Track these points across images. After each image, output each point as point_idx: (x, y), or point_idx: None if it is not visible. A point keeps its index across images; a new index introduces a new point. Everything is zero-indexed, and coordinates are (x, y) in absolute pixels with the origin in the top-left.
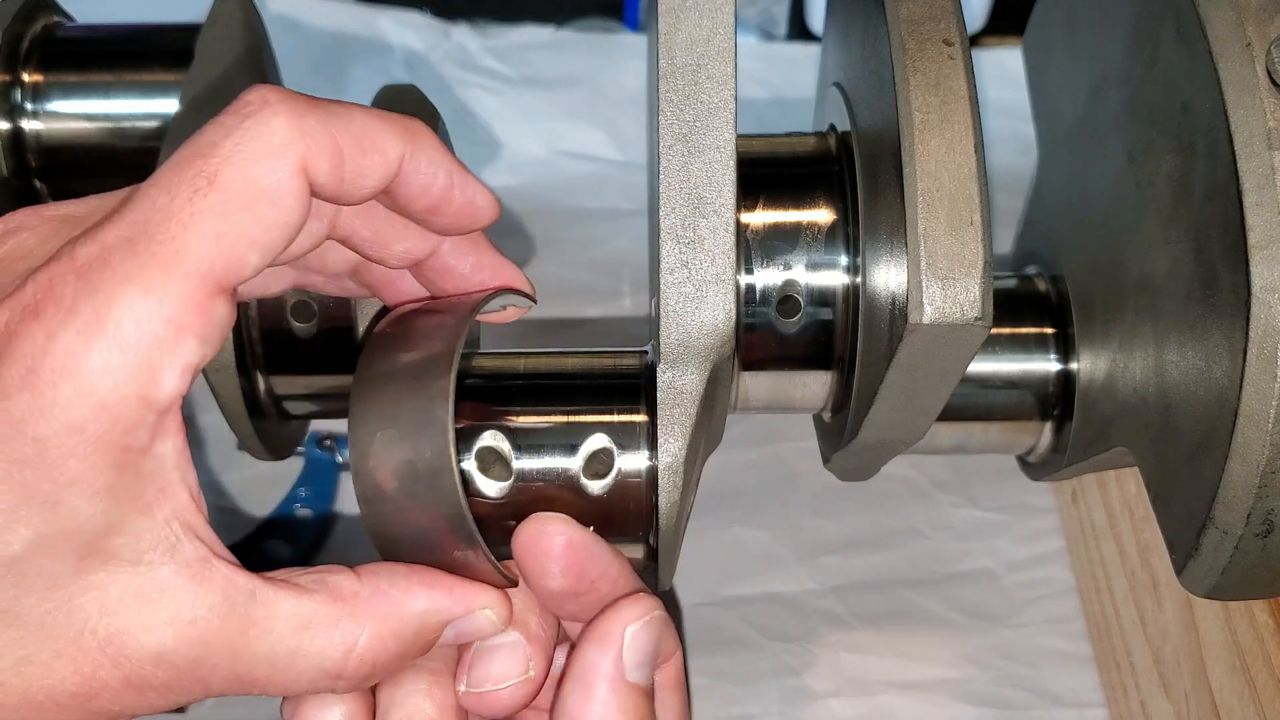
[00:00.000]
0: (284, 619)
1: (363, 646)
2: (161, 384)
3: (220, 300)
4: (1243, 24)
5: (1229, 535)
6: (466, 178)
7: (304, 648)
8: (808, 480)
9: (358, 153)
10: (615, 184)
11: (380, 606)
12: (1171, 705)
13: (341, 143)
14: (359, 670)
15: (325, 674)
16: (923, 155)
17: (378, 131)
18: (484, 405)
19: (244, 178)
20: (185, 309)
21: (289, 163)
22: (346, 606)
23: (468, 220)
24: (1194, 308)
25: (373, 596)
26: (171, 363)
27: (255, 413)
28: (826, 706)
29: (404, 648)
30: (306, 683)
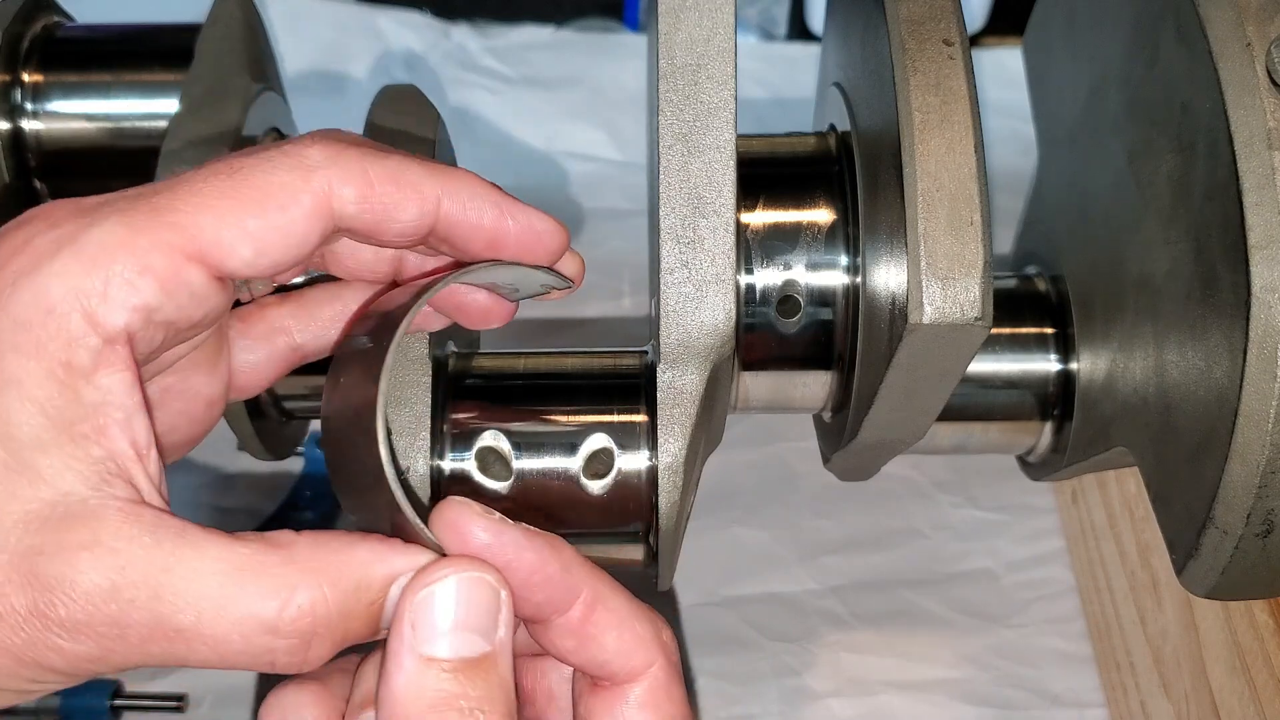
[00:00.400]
0: (213, 560)
1: (298, 597)
2: (110, 307)
3: (197, 270)
4: (1243, 24)
5: (1229, 535)
6: (518, 207)
7: (233, 596)
8: (808, 480)
9: (390, 186)
10: (615, 184)
11: (317, 557)
12: (1171, 705)
13: (373, 174)
14: (296, 624)
15: (259, 626)
16: (923, 155)
17: (414, 170)
18: (484, 405)
19: (262, 179)
20: (157, 253)
21: (309, 178)
22: (281, 554)
23: (534, 249)
24: (1194, 308)
25: (310, 547)
26: (126, 293)
27: (255, 413)
28: (826, 706)
29: (344, 602)
30: (239, 638)
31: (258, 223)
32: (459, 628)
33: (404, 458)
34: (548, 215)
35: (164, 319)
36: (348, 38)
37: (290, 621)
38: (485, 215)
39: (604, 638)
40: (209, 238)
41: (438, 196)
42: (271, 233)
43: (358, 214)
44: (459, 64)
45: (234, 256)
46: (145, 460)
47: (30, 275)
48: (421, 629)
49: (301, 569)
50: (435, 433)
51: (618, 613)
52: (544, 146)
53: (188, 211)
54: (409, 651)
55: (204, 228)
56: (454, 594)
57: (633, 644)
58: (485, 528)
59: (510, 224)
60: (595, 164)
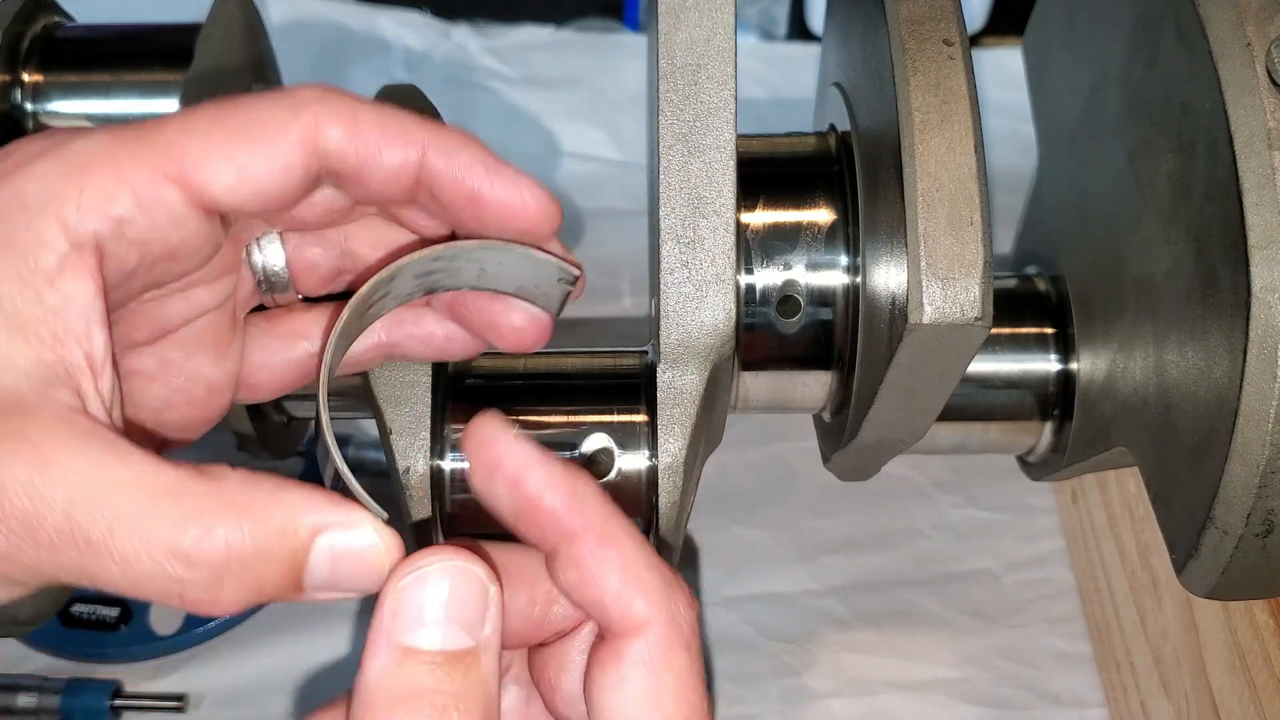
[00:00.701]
0: (136, 476)
1: (215, 527)
2: (82, 214)
3: (175, 190)
4: (1243, 24)
5: (1229, 535)
6: (509, 172)
7: (148, 515)
8: (808, 480)
9: (377, 130)
10: (615, 184)
11: (245, 492)
12: (1171, 705)
13: (361, 116)
14: (209, 555)
15: (169, 551)
16: (923, 155)
17: (404, 118)
18: (484, 404)
19: (252, 110)
20: (136, 166)
21: (298, 112)
22: (207, 483)
23: (517, 217)
24: (1194, 307)
25: (240, 482)
26: (99, 201)
27: (255, 413)
28: (826, 706)
29: (264, 543)
30: (148, 560)
31: (241, 150)
32: (442, 619)
33: (404, 458)
34: (542, 189)
35: (136, 235)
36: (348, 38)
37: (203, 551)
38: (471, 172)
39: (607, 578)
40: (191, 159)
41: (424, 145)
42: (254, 160)
43: (341, 151)
44: (459, 64)
45: (215, 181)
46: (98, 375)
47: (11, 175)
48: (402, 617)
49: (225, 500)
50: (435, 433)
51: (627, 557)
52: (544, 146)
53: (173, 132)
54: (386, 639)
55: (187, 149)
56: (439, 583)
57: (635, 591)
58: (507, 439)
59: (495, 185)
60: (595, 164)
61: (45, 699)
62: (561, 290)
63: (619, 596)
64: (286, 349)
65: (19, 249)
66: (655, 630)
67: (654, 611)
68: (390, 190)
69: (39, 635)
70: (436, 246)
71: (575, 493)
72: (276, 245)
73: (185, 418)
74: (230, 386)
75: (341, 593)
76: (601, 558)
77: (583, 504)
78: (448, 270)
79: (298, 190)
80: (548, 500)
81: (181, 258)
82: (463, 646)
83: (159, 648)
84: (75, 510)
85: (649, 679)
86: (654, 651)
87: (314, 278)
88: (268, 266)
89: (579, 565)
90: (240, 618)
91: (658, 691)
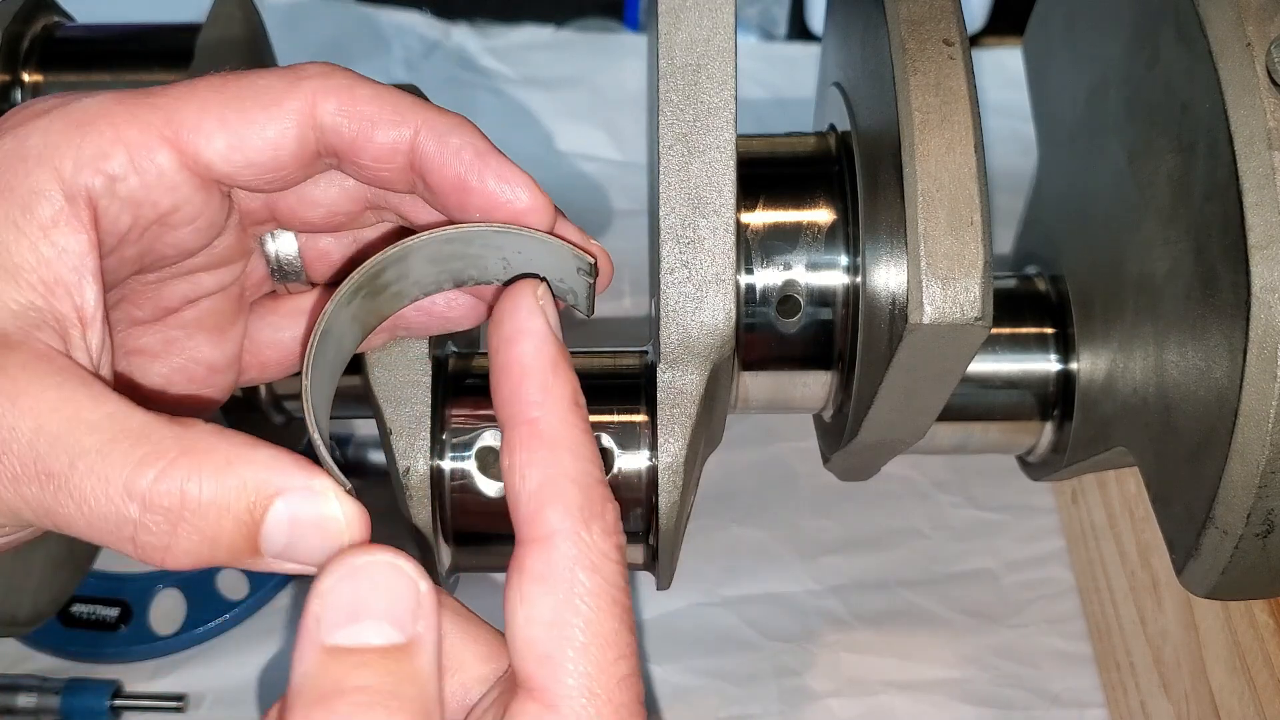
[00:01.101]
0: (105, 416)
1: (174, 471)
2: (77, 168)
3: (169, 152)
4: (1243, 24)
5: (1229, 535)
6: (503, 164)
7: (109, 452)
8: (808, 480)
9: (372, 105)
10: (615, 184)
11: (211, 444)
12: (1171, 705)
13: (359, 91)
14: (164, 500)
15: (125, 491)
16: (923, 155)
17: (401, 97)
18: (484, 404)
19: (252, 81)
20: (133, 126)
21: (296, 84)
22: (175, 430)
23: (503, 209)
24: (1194, 307)
25: (209, 435)
26: (94, 157)
27: (255, 413)
28: (826, 706)
29: (222, 499)
30: (104, 498)
31: (237, 117)
32: (367, 615)
33: (404, 458)
34: (534, 184)
35: (129, 194)
36: (348, 38)
37: (158, 494)
38: (459, 156)
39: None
40: (187, 123)
41: (418, 125)
42: (249, 127)
43: (335, 126)
44: (459, 64)
45: (208, 146)
46: (86, 326)
47: (17, 128)
48: (327, 614)
49: (188, 448)
50: (435, 432)
51: (558, 462)
52: (544, 146)
53: (173, 96)
54: (309, 638)
55: (184, 113)
56: (366, 579)
57: (551, 498)
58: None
59: (485, 174)
60: (595, 164)
61: (45, 699)
62: (585, 284)
63: (531, 498)
64: (294, 325)
65: (16, 197)
66: (559, 545)
67: (562, 525)
68: (383, 170)
69: (39, 635)
70: (448, 228)
71: (547, 383)
72: (289, 233)
73: (185, 397)
74: (232, 367)
75: (299, 564)
76: (531, 451)
77: (548, 395)
78: (469, 258)
79: (292, 163)
80: (517, 370)
81: (176, 225)
82: (391, 642)
83: (159, 648)
84: (40, 442)
85: (546, 599)
86: (553, 570)
87: (326, 265)
88: (281, 254)
89: (510, 451)
90: (240, 617)
91: (561, 613)
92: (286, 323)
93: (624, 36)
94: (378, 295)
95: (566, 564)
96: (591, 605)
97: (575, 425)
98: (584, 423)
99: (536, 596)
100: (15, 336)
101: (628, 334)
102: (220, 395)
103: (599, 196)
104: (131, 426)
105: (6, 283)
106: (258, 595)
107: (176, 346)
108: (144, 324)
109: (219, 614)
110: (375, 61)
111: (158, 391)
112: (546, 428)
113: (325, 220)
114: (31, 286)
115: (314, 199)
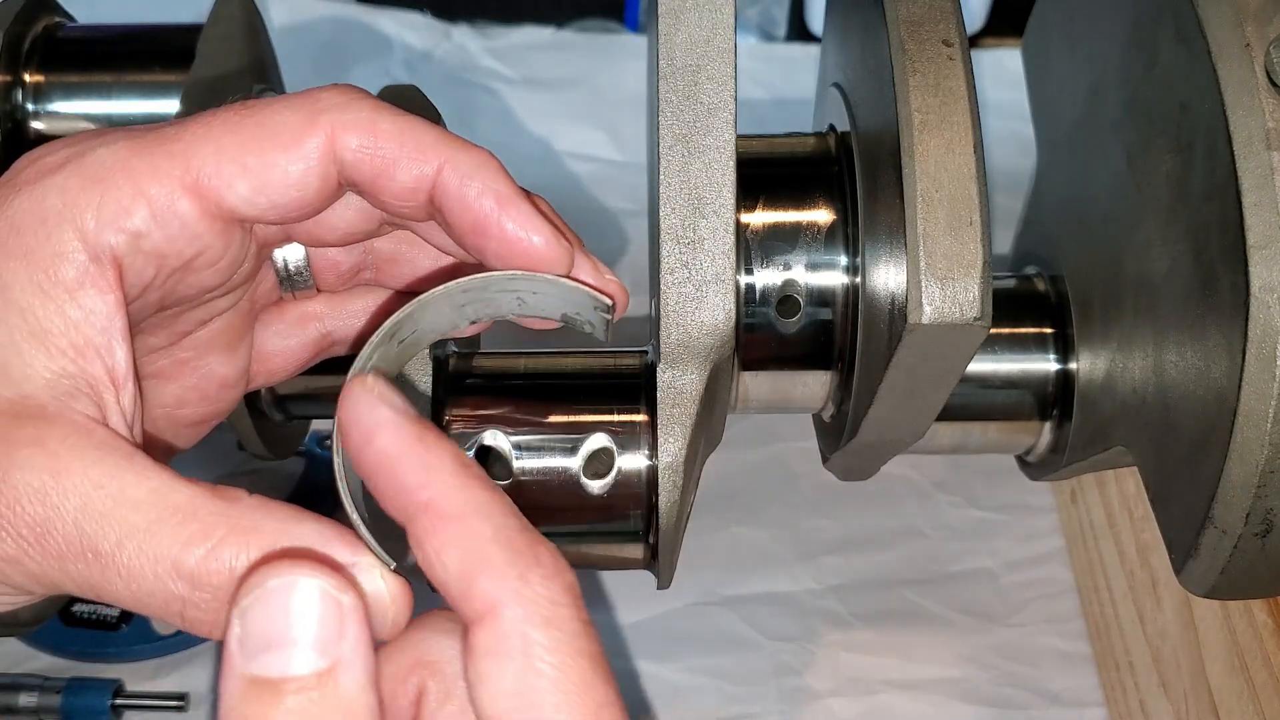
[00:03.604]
0: (150, 491)
1: (224, 551)
2: (100, 226)
3: (189, 201)
4: (1242, 24)
5: (1228, 535)
6: (524, 210)
7: (158, 531)
8: (808, 480)
9: (394, 142)
10: (615, 184)
11: (257, 519)
12: (1171, 705)
13: (381, 125)
14: (214, 578)
15: (175, 570)
16: (922, 155)
17: (425, 131)
18: (484, 405)
19: (269, 117)
20: (151, 178)
21: (316, 119)
22: (221, 505)
23: (521, 256)
24: (1193, 307)
25: (254, 509)
26: (116, 214)
27: (256, 413)
28: (826, 706)
29: None
30: (153, 577)
31: (257, 159)
32: (287, 641)
33: None
34: (554, 231)
35: (153, 248)
36: (348, 38)
37: (208, 572)
38: (481, 201)
39: (445, 557)
40: (206, 169)
41: (441, 163)
42: (270, 170)
43: (356, 162)
44: (459, 64)
45: (230, 191)
46: (120, 389)
47: (33, 185)
48: (248, 639)
49: (236, 525)
50: None
51: (469, 533)
52: (544, 147)
53: (189, 141)
54: (232, 665)
55: (203, 159)
56: (282, 601)
57: (478, 571)
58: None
59: (504, 219)
60: (595, 164)
61: (46, 698)
62: (601, 318)
63: (460, 578)
64: (300, 333)
65: (39, 261)
66: (505, 613)
67: (500, 591)
68: (404, 205)
69: (40, 635)
70: (463, 279)
71: (423, 462)
72: (298, 244)
73: (198, 413)
74: (243, 380)
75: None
76: (439, 535)
77: (429, 471)
78: (483, 301)
79: (317, 199)
80: (386, 466)
81: (199, 269)
82: (314, 669)
83: (160, 647)
84: (86, 521)
85: (506, 670)
86: (504, 640)
87: (334, 275)
88: (290, 265)
89: (419, 545)
90: None
91: (524, 679)
92: (293, 330)
93: (624, 37)
94: (393, 350)
95: (516, 627)
96: (554, 661)
97: (469, 486)
98: (478, 479)
99: (494, 672)
100: (52, 408)
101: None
102: (230, 408)
103: (599, 196)
104: (177, 502)
105: (37, 350)
106: None
107: (189, 367)
108: (158, 350)
109: None
110: (375, 62)
111: (166, 425)
112: (444, 504)
113: (342, 239)
114: (62, 352)
115: (331, 223)
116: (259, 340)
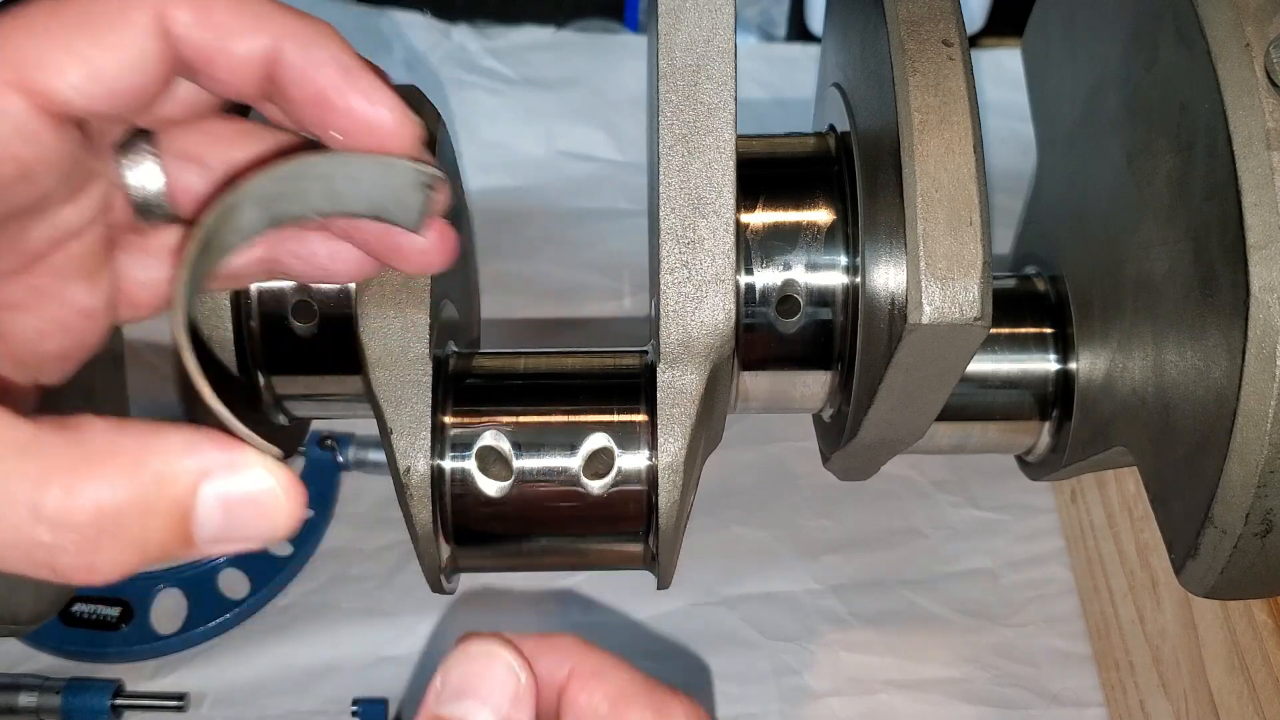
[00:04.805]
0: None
1: (82, 484)
2: None
3: (18, 99)
4: (1241, 24)
5: (1228, 535)
6: (368, 77)
7: (3, 473)
8: (808, 480)
9: (229, 14)
10: (615, 184)
11: (113, 441)
12: (1170, 704)
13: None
14: (74, 516)
15: (31, 515)
16: (922, 155)
17: (261, 3)
18: (484, 404)
19: (91, 1)
20: None
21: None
22: (69, 436)
23: (365, 130)
24: (1193, 307)
25: (107, 431)
26: None
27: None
28: (826, 706)
29: (141, 500)
30: (9, 528)
31: (87, 43)
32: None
33: (404, 458)
34: (401, 103)
35: None
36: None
37: (69, 512)
38: (323, 71)
39: None
40: (31, 60)
41: (279, 34)
42: (103, 54)
43: (189, 37)
44: (459, 64)
45: (62, 82)
46: None
47: None
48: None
49: (89, 453)
50: (435, 432)
51: None
52: (544, 146)
53: (7, 33)
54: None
55: (25, 50)
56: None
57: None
58: None
59: (347, 90)
60: (595, 164)
61: (46, 698)
62: (419, 200)
63: None
64: (164, 265)
65: None
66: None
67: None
68: (241, 83)
69: (40, 635)
70: (278, 163)
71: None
72: (155, 169)
73: (62, 347)
74: (107, 311)
75: (241, 543)
76: None
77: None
78: (290, 194)
79: (155, 84)
80: None
81: (39, 175)
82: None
83: (160, 647)
84: None
85: None
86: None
87: (191, 200)
88: (147, 192)
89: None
90: (241, 617)
91: None
92: (156, 261)
93: (624, 37)
94: (210, 248)
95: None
96: None
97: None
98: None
99: None
100: None
101: (628, 334)
102: (97, 342)
103: (599, 196)
104: (19, 440)
105: None
106: (259, 595)
107: (48, 297)
108: (10, 275)
109: (220, 613)
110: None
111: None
112: None
113: (185, 115)
114: None
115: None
116: (123, 271)
